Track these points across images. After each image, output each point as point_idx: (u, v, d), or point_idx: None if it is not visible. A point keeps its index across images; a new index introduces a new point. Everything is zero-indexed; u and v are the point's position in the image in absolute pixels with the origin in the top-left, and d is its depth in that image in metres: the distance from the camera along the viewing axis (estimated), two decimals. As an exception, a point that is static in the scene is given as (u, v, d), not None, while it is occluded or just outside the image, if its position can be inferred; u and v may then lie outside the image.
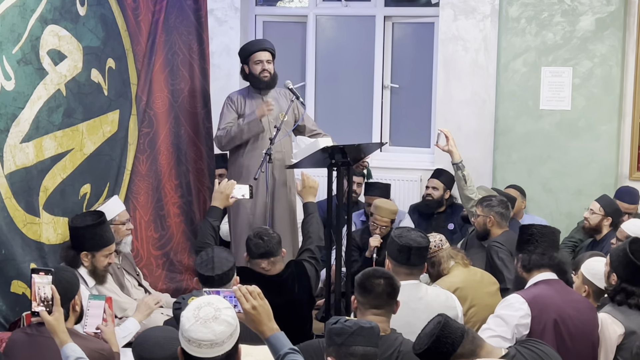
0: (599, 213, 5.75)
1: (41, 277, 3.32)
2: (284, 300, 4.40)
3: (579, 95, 6.78)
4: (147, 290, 5.19)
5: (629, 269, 3.84)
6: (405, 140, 7.65)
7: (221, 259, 3.98)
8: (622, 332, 3.78)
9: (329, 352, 2.96)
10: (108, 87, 5.11)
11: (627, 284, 3.84)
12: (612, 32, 6.65)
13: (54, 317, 3.29)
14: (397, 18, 7.60)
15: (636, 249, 3.86)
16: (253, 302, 2.85)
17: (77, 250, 4.43)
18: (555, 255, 4.01)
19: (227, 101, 5.76)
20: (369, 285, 3.58)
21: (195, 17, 5.81)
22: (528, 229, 4.12)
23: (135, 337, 3.97)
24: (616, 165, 6.77)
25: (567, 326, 3.76)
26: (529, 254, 4.01)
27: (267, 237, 4.57)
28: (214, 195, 4.99)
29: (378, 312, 3.55)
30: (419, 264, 4.18)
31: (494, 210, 5.35)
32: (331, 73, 7.79)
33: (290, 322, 4.21)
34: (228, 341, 2.60)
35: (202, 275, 3.98)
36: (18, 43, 4.32)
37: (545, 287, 3.91)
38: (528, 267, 4.02)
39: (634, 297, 3.83)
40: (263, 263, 4.54)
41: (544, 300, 3.81)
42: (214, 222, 4.87)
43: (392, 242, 4.17)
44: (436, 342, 3.17)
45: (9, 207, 4.32)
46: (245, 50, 5.75)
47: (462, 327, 3.25)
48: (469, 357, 3.18)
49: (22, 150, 4.40)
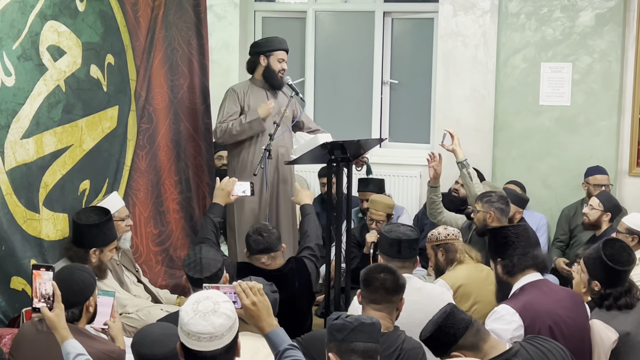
0: (598, 209, 5.75)
1: (42, 273, 3.32)
2: (285, 295, 4.39)
3: (579, 91, 6.78)
4: (147, 286, 5.19)
5: (609, 274, 3.80)
6: (405, 136, 7.65)
7: (209, 260, 3.96)
8: (616, 337, 3.74)
9: (330, 348, 2.96)
10: (107, 83, 5.10)
11: (611, 288, 3.81)
12: (612, 28, 6.65)
13: (55, 314, 3.29)
14: (397, 14, 7.59)
15: (611, 253, 3.82)
16: (253, 298, 2.86)
17: (86, 247, 4.44)
18: (537, 254, 3.89)
19: (230, 92, 5.72)
20: (369, 278, 3.58)
21: (194, 13, 5.80)
22: (499, 232, 3.96)
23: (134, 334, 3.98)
24: (616, 160, 6.78)
25: (561, 328, 3.69)
26: (510, 257, 3.84)
27: (267, 233, 4.57)
28: (215, 193, 4.99)
29: (377, 307, 3.54)
30: (410, 257, 4.17)
31: (494, 206, 5.35)
32: (330, 69, 7.78)
33: (290, 317, 4.21)
34: (227, 334, 2.60)
35: (190, 277, 3.98)
36: (18, 39, 4.31)
37: (532, 291, 3.79)
38: (512, 271, 3.85)
39: (621, 298, 3.81)
40: (263, 258, 4.55)
41: (534, 307, 3.70)
42: (215, 218, 4.87)
43: (383, 237, 4.19)
44: (438, 331, 3.19)
45: (10, 203, 4.32)
46: (271, 44, 5.70)
47: (468, 318, 3.24)
48: (471, 349, 3.18)
49: (23, 146, 4.39)
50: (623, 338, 3.75)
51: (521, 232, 3.91)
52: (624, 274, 3.85)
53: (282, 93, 5.82)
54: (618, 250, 3.85)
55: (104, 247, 4.50)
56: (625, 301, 3.82)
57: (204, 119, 5.92)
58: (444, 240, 4.64)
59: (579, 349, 3.73)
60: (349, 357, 2.90)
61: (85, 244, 4.46)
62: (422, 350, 3.53)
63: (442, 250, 4.71)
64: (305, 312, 4.76)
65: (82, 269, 3.65)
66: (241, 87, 5.79)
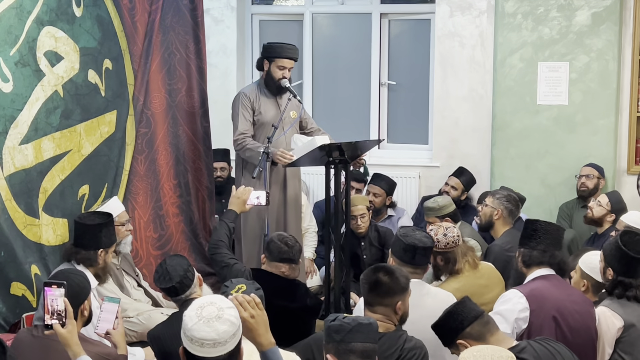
0: (605, 207, 5.71)
1: (53, 290, 3.32)
2: (298, 306, 4.40)
3: (576, 90, 6.79)
4: (147, 290, 5.20)
5: (623, 261, 3.84)
6: (403, 137, 7.66)
7: (174, 266, 3.95)
8: (622, 325, 3.78)
9: (328, 349, 2.96)
10: (105, 87, 5.11)
11: (623, 276, 3.85)
12: (609, 27, 6.66)
13: (67, 330, 3.29)
14: (394, 15, 7.60)
15: (628, 241, 3.86)
16: (252, 311, 2.84)
17: (93, 248, 4.41)
18: (557, 254, 4.00)
19: (241, 98, 5.67)
20: (368, 279, 3.59)
21: (191, 17, 5.81)
22: (533, 224, 4.10)
23: (151, 331, 4.00)
24: (614, 159, 6.78)
25: (567, 319, 3.76)
26: (531, 249, 4.00)
27: (292, 243, 4.55)
28: (231, 200, 4.98)
29: (375, 308, 3.55)
30: (423, 264, 4.19)
31: (503, 205, 5.34)
32: (328, 71, 7.79)
33: (297, 329, 4.21)
34: (231, 340, 2.59)
35: (164, 289, 3.99)
36: (15, 45, 4.32)
37: (543, 282, 3.92)
38: (528, 262, 4.02)
39: (632, 289, 3.83)
40: (283, 267, 4.49)
41: (542, 294, 3.82)
42: (230, 223, 4.87)
43: (398, 241, 4.17)
44: (447, 316, 3.29)
45: (10, 209, 4.32)
46: (274, 51, 5.67)
47: (480, 310, 3.31)
48: (477, 339, 3.21)
49: (21, 152, 4.40)
50: (628, 328, 3.78)
51: (551, 230, 4.04)
52: (638, 264, 3.86)
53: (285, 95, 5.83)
54: (636, 240, 3.89)
55: (108, 248, 4.47)
56: (635, 293, 3.84)
57: (202, 123, 5.92)
58: (444, 250, 4.61)
59: (583, 345, 3.76)
60: (347, 357, 2.90)
61: (92, 245, 4.40)
62: (424, 350, 3.53)
63: (442, 257, 4.68)
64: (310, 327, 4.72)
65: (77, 273, 3.65)
66: (251, 90, 5.78)
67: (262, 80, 5.77)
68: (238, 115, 5.64)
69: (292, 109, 5.73)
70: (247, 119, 5.63)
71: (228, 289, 3.32)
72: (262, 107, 5.67)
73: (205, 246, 5.87)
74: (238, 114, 5.64)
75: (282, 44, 5.73)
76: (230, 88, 7.34)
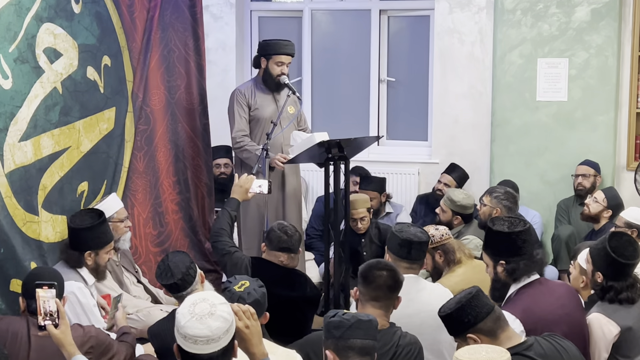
0: (601, 203, 5.73)
1: (45, 292, 3.32)
2: (297, 295, 4.41)
3: (576, 87, 6.79)
4: (146, 287, 5.20)
5: (612, 266, 3.79)
6: (402, 133, 7.66)
7: (176, 262, 3.95)
8: (618, 331, 3.73)
9: (327, 345, 2.96)
10: (104, 84, 5.11)
11: (613, 281, 3.79)
12: (608, 23, 6.66)
13: (61, 331, 3.32)
14: (393, 11, 7.60)
15: (616, 245, 3.80)
16: (246, 322, 2.85)
17: (81, 250, 4.45)
18: (540, 257, 3.86)
19: (237, 95, 5.73)
20: (370, 276, 3.58)
21: (190, 14, 5.81)
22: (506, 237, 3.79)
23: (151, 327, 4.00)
24: (613, 155, 6.78)
25: (561, 327, 3.65)
26: (516, 263, 3.77)
27: (291, 232, 4.59)
28: (234, 189, 5.00)
29: (377, 304, 3.55)
30: (419, 259, 4.19)
31: (502, 204, 5.34)
32: (327, 67, 7.79)
33: (296, 318, 4.23)
34: (224, 337, 2.59)
35: (166, 286, 3.99)
36: (14, 42, 4.31)
37: (531, 293, 3.76)
38: (516, 275, 3.79)
39: (622, 292, 3.79)
40: (282, 256, 4.56)
41: (534, 312, 3.68)
42: (232, 212, 4.88)
43: (393, 236, 4.18)
44: (460, 309, 3.19)
45: (9, 206, 4.32)
46: (271, 48, 5.71)
47: (492, 304, 3.24)
48: (488, 334, 3.17)
49: (21, 149, 4.40)
50: (625, 332, 3.73)
51: (527, 238, 3.81)
52: (628, 268, 3.82)
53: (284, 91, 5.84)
54: (624, 244, 3.83)
55: (98, 249, 4.47)
56: (627, 296, 3.79)
57: (201, 120, 5.93)
58: (440, 242, 4.62)
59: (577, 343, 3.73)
60: (346, 354, 2.90)
61: (80, 247, 4.45)
62: (419, 345, 3.54)
63: (440, 252, 4.68)
64: (309, 317, 4.74)
65: (52, 271, 3.69)
66: (246, 86, 5.80)
67: (259, 77, 5.78)
68: (234, 113, 5.69)
69: (290, 105, 5.75)
70: (242, 117, 5.66)
71: (231, 284, 3.33)
72: (258, 103, 5.69)
73: (205, 243, 5.88)
74: (234, 111, 5.69)
75: (279, 40, 5.75)
76: (230, 85, 7.33)
